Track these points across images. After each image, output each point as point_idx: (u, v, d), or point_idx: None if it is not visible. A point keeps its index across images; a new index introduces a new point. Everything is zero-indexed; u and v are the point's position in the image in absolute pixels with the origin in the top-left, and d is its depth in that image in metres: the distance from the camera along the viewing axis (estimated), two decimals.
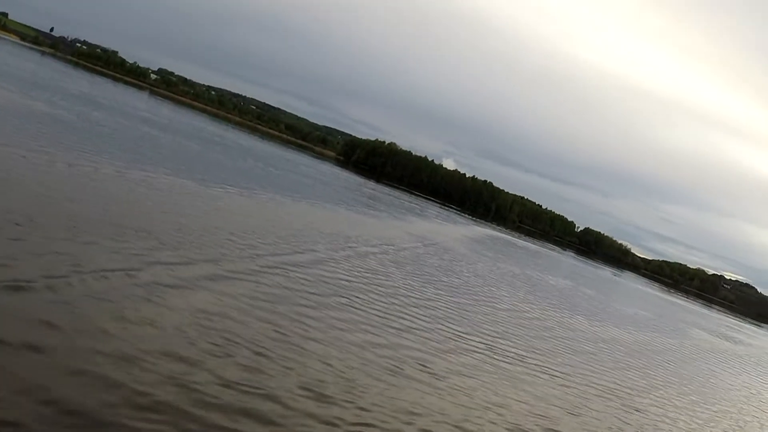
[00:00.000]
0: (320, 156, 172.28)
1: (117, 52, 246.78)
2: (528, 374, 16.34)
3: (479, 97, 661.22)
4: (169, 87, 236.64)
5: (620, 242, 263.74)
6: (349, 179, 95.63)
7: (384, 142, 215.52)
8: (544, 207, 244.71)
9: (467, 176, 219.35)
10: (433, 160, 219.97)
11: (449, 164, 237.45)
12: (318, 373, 10.75)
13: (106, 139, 33.11)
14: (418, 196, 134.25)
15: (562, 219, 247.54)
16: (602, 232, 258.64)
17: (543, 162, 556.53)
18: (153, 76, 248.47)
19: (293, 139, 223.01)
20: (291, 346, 11.52)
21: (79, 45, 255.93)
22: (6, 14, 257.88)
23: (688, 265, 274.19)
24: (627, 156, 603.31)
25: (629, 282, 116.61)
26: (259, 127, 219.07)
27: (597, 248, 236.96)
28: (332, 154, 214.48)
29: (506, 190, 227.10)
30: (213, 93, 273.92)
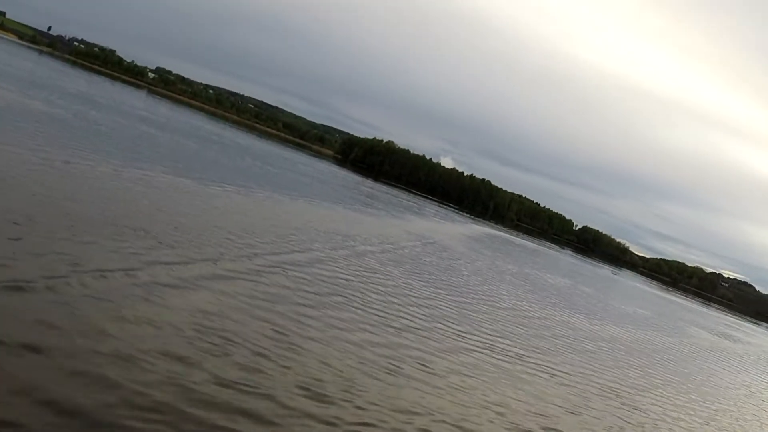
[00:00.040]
0: (318, 154, 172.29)
1: (115, 51, 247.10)
2: (527, 373, 16.32)
3: (479, 97, 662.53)
4: (167, 86, 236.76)
5: (618, 240, 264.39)
6: (347, 178, 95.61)
7: (382, 141, 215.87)
8: (543, 205, 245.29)
9: (465, 175, 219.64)
10: (431, 159, 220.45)
11: (447, 163, 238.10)
12: (317, 373, 10.71)
13: (104, 138, 33.07)
14: (416, 195, 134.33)
15: (561, 217, 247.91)
16: (600, 231, 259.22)
17: (543, 161, 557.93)
18: (151, 75, 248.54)
19: (291, 138, 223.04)
20: (289, 346, 11.48)
21: (77, 44, 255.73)
22: (4, 13, 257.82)
23: (687, 264, 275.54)
24: (627, 155, 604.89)
25: (628, 280, 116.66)
26: (257, 126, 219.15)
27: (595, 246, 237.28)
28: (330, 153, 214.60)
29: (505, 189, 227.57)
30: (211, 92, 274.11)
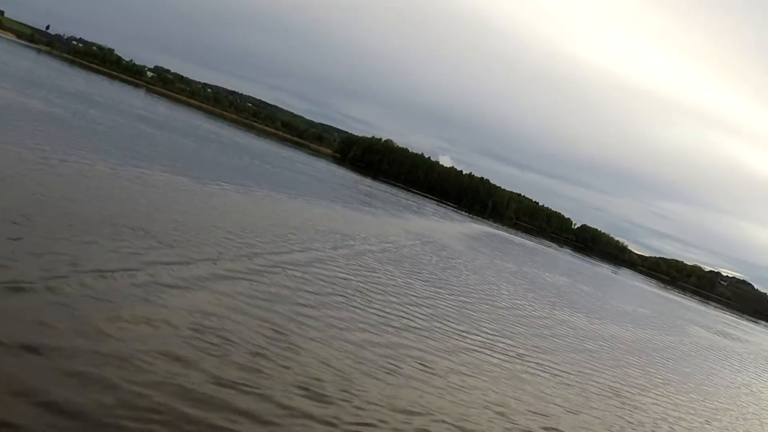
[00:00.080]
0: (316, 153, 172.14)
1: (113, 50, 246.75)
2: (527, 372, 16.29)
3: (479, 97, 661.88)
4: (166, 85, 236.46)
5: (617, 239, 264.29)
6: (346, 176, 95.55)
7: (380, 140, 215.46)
8: (541, 204, 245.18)
9: (464, 173, 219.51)
10: (430, 158, 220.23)
11: (446, 161, 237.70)
12: (316, 372, 10.69)
13: (103, 137, 33.00)
14: (415, 194, 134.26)
15: (559, 216, 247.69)
16: (599, 229, 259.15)
17: (543, 161, 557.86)
18: (149, 74, 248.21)
19: (289, 137, 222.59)
20: (289, 346, 11.45)
21: (76, 43, 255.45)
22: (2, 12, 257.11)
23: (685, 262, 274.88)
24: (626, 155, 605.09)
25: (626, 279, 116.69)
26: (256, 125, 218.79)
27: (594, 245, 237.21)
28: (328, 152, 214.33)
29: (503, 188, 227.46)
30: (209, 90, 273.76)
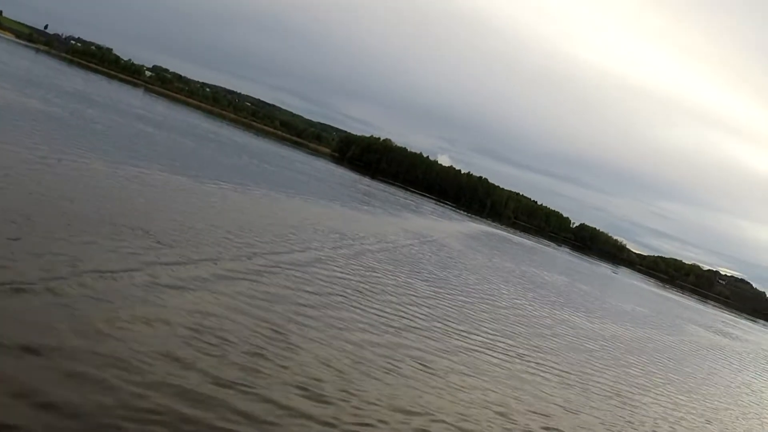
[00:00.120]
0: (315, 152, 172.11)
1: (112, 50, 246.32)
2: (527, 372, 16.28)
3: (479, 97, 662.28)
4: (164, 84, 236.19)
5: (616, 238, 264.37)
6: (344, 176, 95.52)
7: (379, 139, 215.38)
8: (540, 203, 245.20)
9: (462, 172, 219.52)
10: (428, 157, 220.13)
11: (444, 160, 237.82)
12: (315, 373, 10.67)
13: (101, 137, 32.95)
14: (414, 193, 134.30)
15: (558, 215, 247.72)
16: (598, 228, 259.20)
17: (542, 160, 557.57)
18: (148, 74, 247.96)
19: (288, 136, 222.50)
20: (288, 346, 11.43)
21: (74, 42, 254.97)
22: (0, 12, 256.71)
23: (684, 261, 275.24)
24: (626, 154, 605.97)
25: (625, 278, 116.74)
26: (254, 124, 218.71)
27: (592, 244, 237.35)
28: (327, 151, 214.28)
29: (502, 187, 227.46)
30: (208, 90, 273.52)
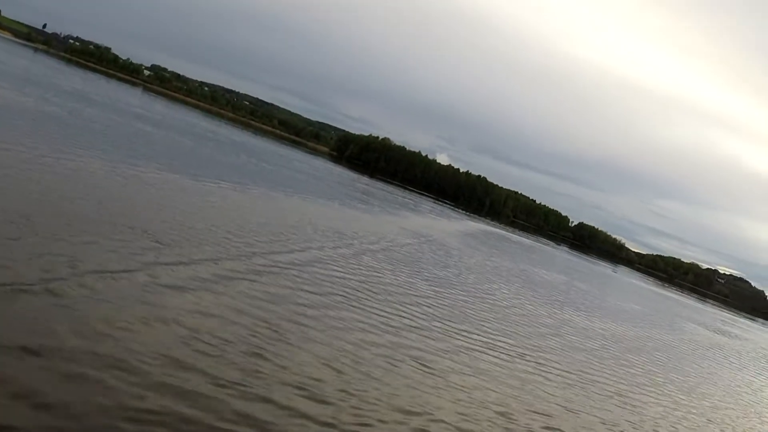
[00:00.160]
0: (313, 151, 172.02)
1: (110, 49, 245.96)
2: (527, 372, 16.26)
3: (479, 96, 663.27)
4: (163, 83, 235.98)
5: (614, 237, 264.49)
6: (343, 174, 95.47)
7: (378, 138, 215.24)
8: (539, 202, 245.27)
9: (461, 171, 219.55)
10: (427, 156, 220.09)
11: (443, 159, 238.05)
12: (315, 373, 10.64)
13: (100, 136, 32.90)
14: (412, 191, 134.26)
15: (557, 214, 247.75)
16: (596, 227, 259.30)
17: (542, 159, 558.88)
18: (146, 73, 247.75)
19: (287, 135, 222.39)
20: (287, 346, 11.41)
21: (72, 41, 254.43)
22: None
23: (682, 260, 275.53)
24: (626, 153, 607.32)
25: (624, 277, 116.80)
26: (253, 123, 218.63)
27: (591, 243, 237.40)
28: (326, 150, 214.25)
29: (501, 186, 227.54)
30: (206, 89, 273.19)
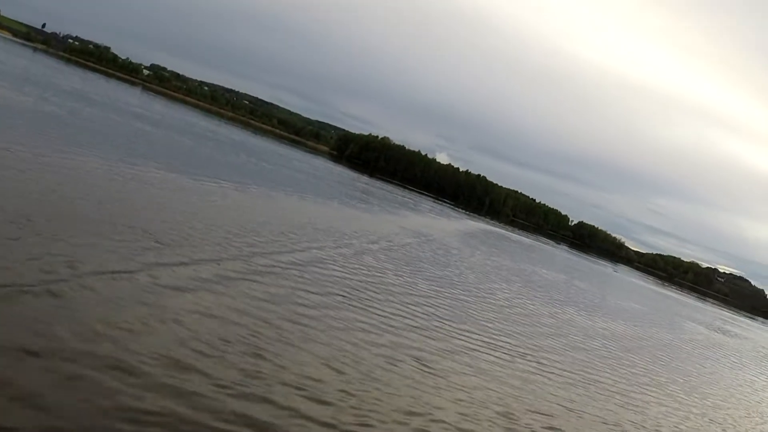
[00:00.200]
0: (313, 151, 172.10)
1: (109, 48, 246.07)
2: (528, 371, 16.23)
3: (479, 96, 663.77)
4: (162, 83, 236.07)
5: (614, 236, 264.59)
6: (343, 174, 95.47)
7: (377, 137, 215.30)
8: (538, 201, 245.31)
9: (461, 170, 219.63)
10: (427, 155, 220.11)
11: (443, 158, 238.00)
12: (315, 373, 10.61)
13: (99, 136, 32.86)
14: (412, 191, 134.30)
15: (556, 213, 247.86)
16: (596, 226, 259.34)
17: (542, 159, 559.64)
18: (145, 72, 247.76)
19: (286, 134, 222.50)
20: (288, 346, 11.38)
21: (72, 41, 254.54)
22: None
23: (682, 259, 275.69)
24: (626, 153, 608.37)
25: (624, 275, 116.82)
26: (252, 122, 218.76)
27: (591, 242, 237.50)
28: (325, 149, 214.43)
29: (500, 185, 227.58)
30: (206, 88, 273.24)
